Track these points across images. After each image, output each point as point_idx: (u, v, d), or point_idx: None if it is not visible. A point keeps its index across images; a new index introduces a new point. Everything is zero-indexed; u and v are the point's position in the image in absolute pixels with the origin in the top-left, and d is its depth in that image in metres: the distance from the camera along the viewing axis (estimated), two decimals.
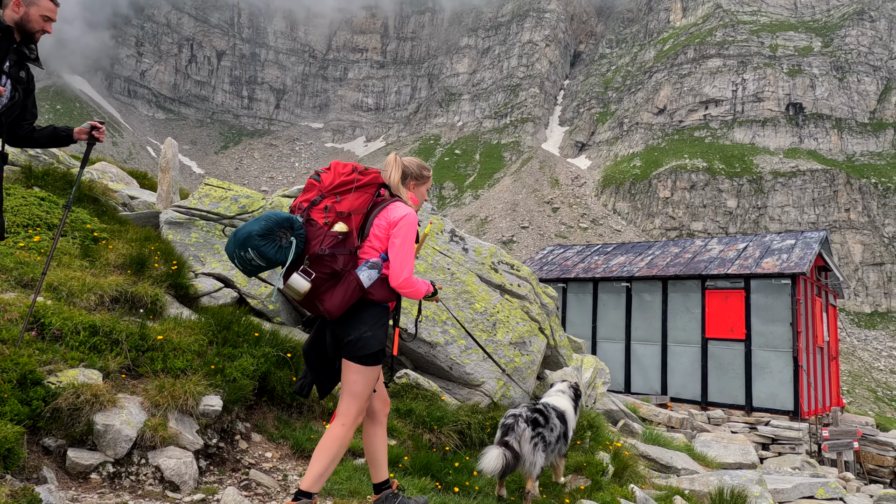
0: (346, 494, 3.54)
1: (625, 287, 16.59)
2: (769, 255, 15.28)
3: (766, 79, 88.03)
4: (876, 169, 77.34)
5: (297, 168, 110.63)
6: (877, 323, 63.66)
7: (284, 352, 4.55)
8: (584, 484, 4.43)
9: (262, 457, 3.92)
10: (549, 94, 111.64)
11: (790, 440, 12.69)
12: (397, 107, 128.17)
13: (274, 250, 2.67)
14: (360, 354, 2.84)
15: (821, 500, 5.79)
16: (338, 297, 2.76)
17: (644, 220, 78.42)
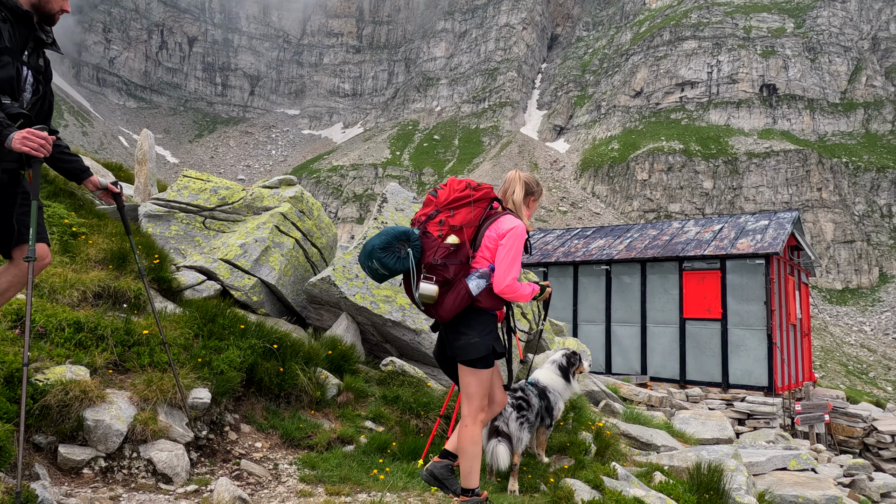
0: (337, 481, 3.61)
1: (604, 270, 16.84)
2: (744, 236, 15.63)
3: (741, 60, 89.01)
4: (847, 148, 78.99)
5: (273, 156, 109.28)
6: (848, 299, 65.46)
7: (271, 343, 4.58)
8: (567, 464, 4.55)
9: (252, 447, 3.97)
10: (526, 78, 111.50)
11: (765, 415, 13.10)
12: (374, 92, 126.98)
13: (393, 261, 2.97)
14: (467, 359, 3.06)
15: (793, 471, 6.02)
16: (448, 303, 3.00)
17: (622, 203, 79.21)
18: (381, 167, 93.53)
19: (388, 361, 5.56)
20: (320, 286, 5.79)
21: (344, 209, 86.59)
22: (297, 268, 6.27)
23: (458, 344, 3.08)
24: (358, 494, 3.44)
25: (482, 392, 3.12)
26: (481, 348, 3.06)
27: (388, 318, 5.69)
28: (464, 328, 3.07)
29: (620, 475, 4.40)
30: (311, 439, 4.23)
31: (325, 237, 6.89)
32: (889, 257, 68.61)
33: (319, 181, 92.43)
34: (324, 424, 4.51)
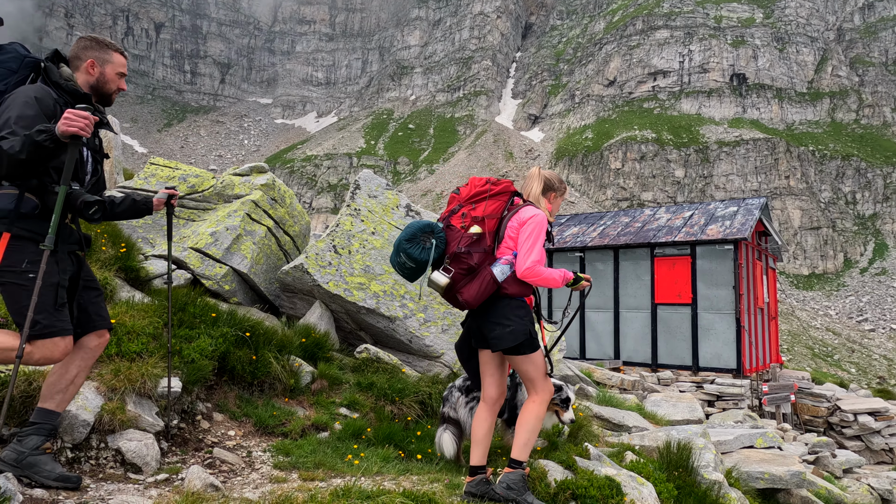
0: (312, 467, 3.61)
1: (578, 257, 17.02)
2: (713, 222, 15.93)
3: (711, 50, 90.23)
4: (813, 137, 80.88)
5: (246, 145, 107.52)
6: (814, 284, 67.34)
7: (243, 331, 4.54)
8: (540, 445, 4.61)
9: (225, 435, 3.94)
10: (501, 67, 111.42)
11: (733, 396, 13.45)
12: (348, 81, 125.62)
13: (418, 251, 3.09)
14: (510, 346, 3.11)
15: (759, 448, 6.20)
16: (473, 289, 3.08)
17: (597, 192, 79.99)
18: (355, 157, 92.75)
19: (363, 349, 5.56)
20: (293, 274, 5.74)
21: (319, 199, 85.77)
22: (269, 256, 6.21)
23: (494, 334, 3.14)
24: (333, 479, 3.44)
25: (541, 373, 3.22)
26: (520, 333, 3.11)
27: (363, 305, 5.67)
28: (497, 318, 3.15)
29: (593, 455, 4.48)
30: (286, 427, 4.22)
31: (298, 225, 6.82)
32: (853, 243, 70.71)
33: (293, 171, 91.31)
34: (298, 412, 4.49)
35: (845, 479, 9.17)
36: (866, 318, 59.96)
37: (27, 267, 2.54)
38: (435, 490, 3.33)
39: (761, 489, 5.06)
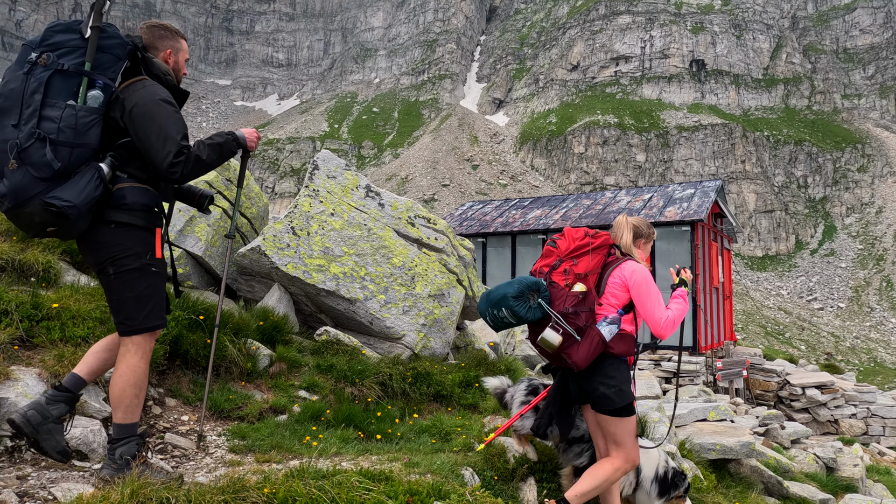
0: (268, 449, 3.57)
1: (541, 239, 17.18)
2: (671, 205, 16.28)
3: (672, 36, 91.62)
4: (768, 123, 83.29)
5: (204, 128, 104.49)
6: (767, 266, 69.80)
7: (196, 314, 4.42)
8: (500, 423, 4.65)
9: (178, 420, 3.85)
10: (465, 50, 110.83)
11: (689, 373, 13.89)
12: (310, 62, 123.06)
13: (525, 310, 3.06)
14: (612, 408, 3.10)
15: (712, 421, 6.41)
16: (583, 351, 3.03)
17: (560, 176, 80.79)
18: (319, 140, 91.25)
19: (323, 331, 5.50)
20: (250, 257, 5.62)
21: (281, 184, 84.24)
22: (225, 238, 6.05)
23: (598, 394, 3.11)
24: (290, 461, 3.40)
25: (632, 438, 3.18)
26: (626, 396, 3.11)
27: (322, 287, 5.59)
28: (602, 377, 3.11)
29: None
30: (242, 410, 4.15)
31: (255, 207, 6.67)
32: (804, 226, 73.45)
33: (255, 155, 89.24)
34: (255, 395, 4.42)
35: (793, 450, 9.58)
36: (816, 297, 62.59)
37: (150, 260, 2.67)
38: (393, 468, 3.33)
39: (713, 460, 5.23)
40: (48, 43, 2.45)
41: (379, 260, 5.94)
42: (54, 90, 2.39)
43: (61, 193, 2.35)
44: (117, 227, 2.56)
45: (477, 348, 6.76)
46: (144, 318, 2.61)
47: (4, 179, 2.34)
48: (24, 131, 2.33)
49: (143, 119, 2.54)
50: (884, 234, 68.31)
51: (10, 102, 2.37)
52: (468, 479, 3.41)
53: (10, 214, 2.40)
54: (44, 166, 2.33)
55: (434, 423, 4.52)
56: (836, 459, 8.57)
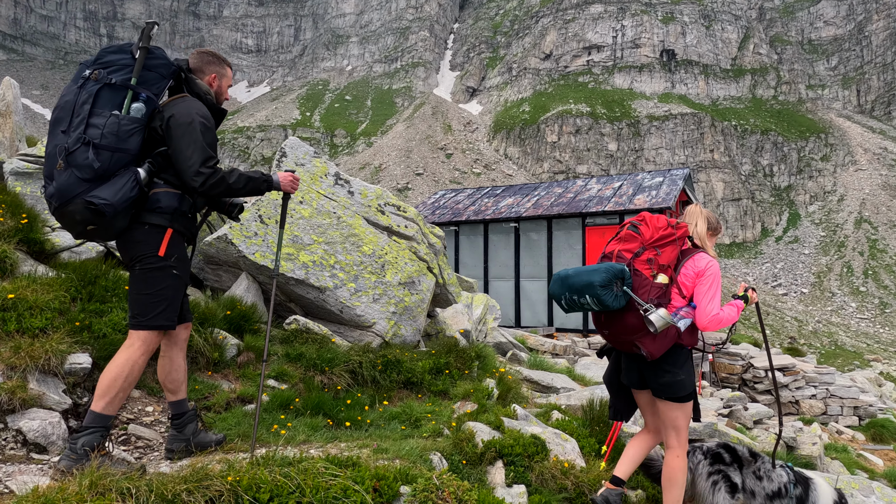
0: (236, 438, 3.54)
1: (513, 227, 17.28)
2: (641, 193, 16.52)
3: (643, 25, 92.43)
4: (736, 112, 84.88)
5: None
6: (735, 252, 71.45)
7: None
8: (471, 409, 4.69)
9: (142, 411, 3.79)
10: (439, 38, 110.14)
11: None
12: (280, 49, 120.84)
13: (612, 298, 3.04)
14: (677, 396, 3.21)
15: None
16: (660, 342, 3.10)
17: (533, 165, 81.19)
18: (290, 128, 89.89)
19: (292, 320, 5.45)
20: (217, 245, 5.53)
21: None
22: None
23: (663, 381, 3.21)
24: (257, 450, 3.39)
25: (688, 423, 3.32)
26: (688, 385, 3.22)
27: (291, 276, 5.54)
28: (669, 366, 3.19)
29: (520, 416, 4.62)
30: (209, 400, 4.10)
31: None
32: (770, 213, 75.29)
33: (224, 143, 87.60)
34: (223, 385, 4.38)
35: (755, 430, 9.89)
36: (780, 283, 64.38)
37: (174, 262, 2.87)
38: (361, 455, 3.34)
39: None
40: (101, 62, 2.75)
41: (349, 248, 5.91)
42: (102, 101, 2.66)
43: (100, 192, 2.59)
44: (150, 228, 2.81)
45: (448, 335, 6.78)
46: (155, 317, 2.81)
47: (53, 181, 2.60)
48: (72, 137, 2.59)
49: (178, 129, 2.80)
50: (845, 222, 70.48)
51: (63, 113, 2.65)
52: (436, 463, 3.44)
53: (57, 214, 2.64)
54: (86, 167, 2.57)
55: (404, 409, 4.54)
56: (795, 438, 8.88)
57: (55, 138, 2.63)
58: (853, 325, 55.72)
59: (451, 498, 2.89)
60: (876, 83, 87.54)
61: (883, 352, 49.42)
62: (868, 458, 9.73)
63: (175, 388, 3.07)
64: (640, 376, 3.36)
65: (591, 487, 3.76)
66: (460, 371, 5.52)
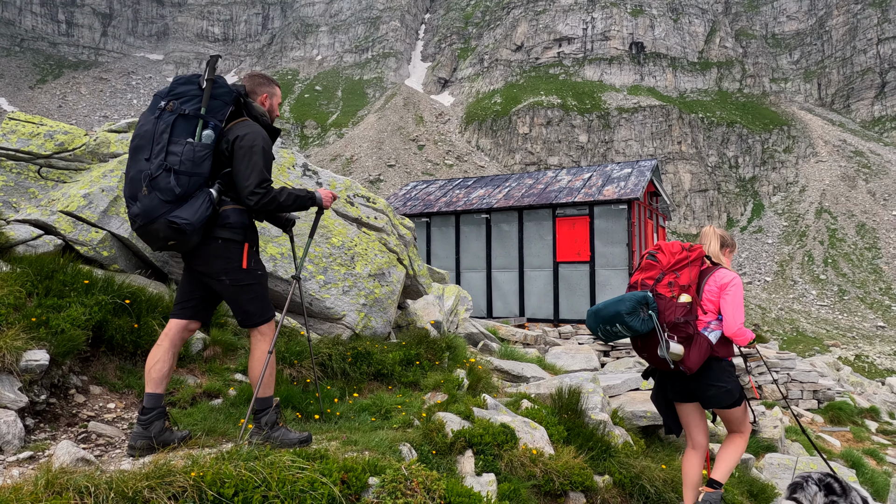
0: (201, 434, 3.48)
1: (485, 218, 17.34)
2: (610, 184, 16.74)
3: (613, 18, 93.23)
4: (703, 105, 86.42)
5: (135, 105, 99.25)
6: None
7: (122, 298, 4.24)
8: (441, 399, 4.71)
9: (103, 408, 3.71)
10: (410, 29, 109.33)
11: (626, 346, 14.43)
12: (248, 38, 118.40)
13: (639, 323, 3.33)
14: (726, 405, 3.55)
15: (644, 390, 6.70)
16: (695, 356, 3.36)
17: (506, 156, 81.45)
18: None
19: None
20: None
21: None
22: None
23: (710, 394, 3.53)
24: (223, 445, 3.34)
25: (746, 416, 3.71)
26: (735, 393, 3.52)
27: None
28: (713, 379, 3.49)
29: (490, 405, 4.65)
30: (174, 396, 4.03)
31: None
32: (735, 204, 77.06)
33: None
34: (188, 380, 4.31)
35: None
36: (745, 271, 66.06)
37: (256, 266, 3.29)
38: (329, 447, 3.32)
39: (643, 426, 5.48)
40: (174, 93, 3.04)
41: (318, 240, 5.85)
42: (178, 130, 2.97)
43: (181, 213, 2.90)
44: (223, 242, 3.12)
45: (419, 327, 6.78)
46: (262, 312, 3.25)
47: (137, 202, 2.91)
48: (154, 164, 2.90)
49: (241, 152, 3.11)
50: (806, 212, 72.59)
51: (144, 141, 2.96)
52: (406, 454, 3.45)
53: (140, 231, 2.96)
54: (168, 191, 2.89)
55: (374, 401, 4.53)
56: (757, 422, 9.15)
57: (138, 164, 2.94)
58: (813, 312, 57.60)
59: (419, 488, 2.90)
60: (836, 77, 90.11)
61: (841, 337, 51.25)
62: (826, 440, 10.11)
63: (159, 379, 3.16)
64: (685, 390, 3.68)
65: (559, 473, 3.82)
66: (431, 362, 5.53)
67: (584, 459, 4.06)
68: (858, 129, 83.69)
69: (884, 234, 65.97)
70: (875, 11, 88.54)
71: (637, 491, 4.17)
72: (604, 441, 4.43)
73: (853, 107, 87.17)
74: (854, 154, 78.22)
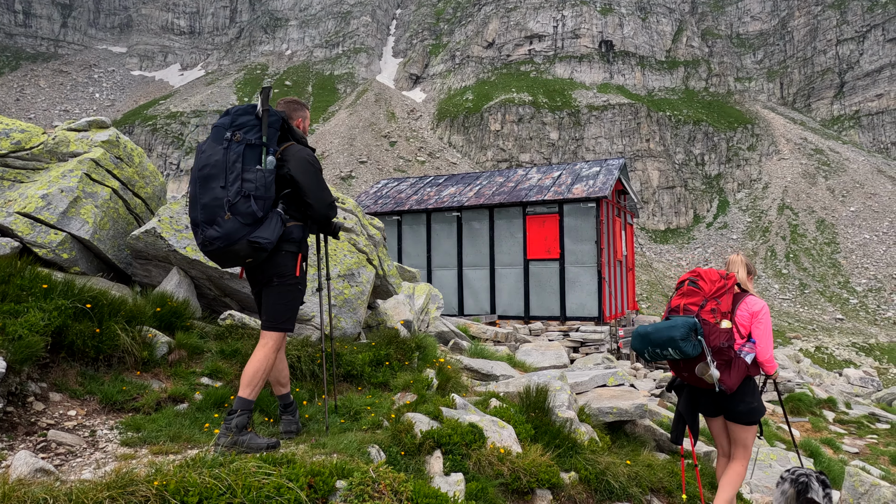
0: (166, 440, 3.44)
1: (455, 217, 17.38)
2: (579, 182, 16.94)
3: (583, 16, 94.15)
4: (670, 103, 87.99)
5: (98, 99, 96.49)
6: (669, 238, 74.43)
7: (83, 302, 4.15)
8: (410, 399, 4.73)
9: (64, 416, 3.62)
10: (381, 24, 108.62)
11: (595, 342, 14.68)
12: (215, 31, 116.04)
13: (690, 348, 3.64)
14: (752, 421, 3.94)
15: (611, 386, 6.83)
16: (735, 377, 3.74)
17: (477, 153, 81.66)
18: None
19: (227, 315, 5.33)
20: (145, 239, 5.32)
21: (187, 160, 79.61)
22: (116, 220, 5.68)
23: (740, 409, 3.92)
24: (188, 451, 3.31)
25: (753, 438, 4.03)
26: (759, 411, 3.93)
27: (226, 270, 5.40)
28: (744, 396, 3.89)
29: (459, 405, 4.69)
30: (137, 401, 3.96)
31: (151, 186, 6.29)
32: (702, 201, 78.75)
33: (156, 129, 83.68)
34: (153, 385, 4.24)
35: None
36: (711, 266, 67.58)
37: (300, 279, 3.59)
38: (297, 451, 3.32)
39: (610, 422, 5.59)
40: (236, 124, 3.30)
41: None
42: (248, 159, 3.24)
43: (261, 233, 3.23)
44: (286, 254, 3.47)
45: (389, 327, 6.78)
46: (285, 321, 3.51)
47: (216, 227, 3.17)
48: (231, 191, 3.17)
49: (308, 175, 3.45)
50: (769, 208, 74.62)
51: (216, 170, 3.21)
52: (374, 456, 3.46)
53: (217, 251, 3.24)
54: (248, 215, 3.18)
55: (343, 402, 4.53)
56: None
57: (213, 192, 3.19)
58: (776, 306, 59.31)
59: (387, 490, 2.92)
60: (797, 77, 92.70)
61: (802, 329, 52.91)
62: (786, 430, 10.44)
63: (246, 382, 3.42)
64: (715, 406, 4.07)
65: (527, 471, 3.88)
66: (401, 362, 5.54)
67: (551, 457, 4.12)
68: (818, 128, 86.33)
69: (842, 230, 68.27)
70: (834, 13, 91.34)
71: (602, 487, 4.26)
72: (570, 438, 4.51)
73: (813, 106, 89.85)
74: (814, 152, 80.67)
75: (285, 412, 3.80)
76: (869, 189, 72.96)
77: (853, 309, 57.75)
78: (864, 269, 62.35)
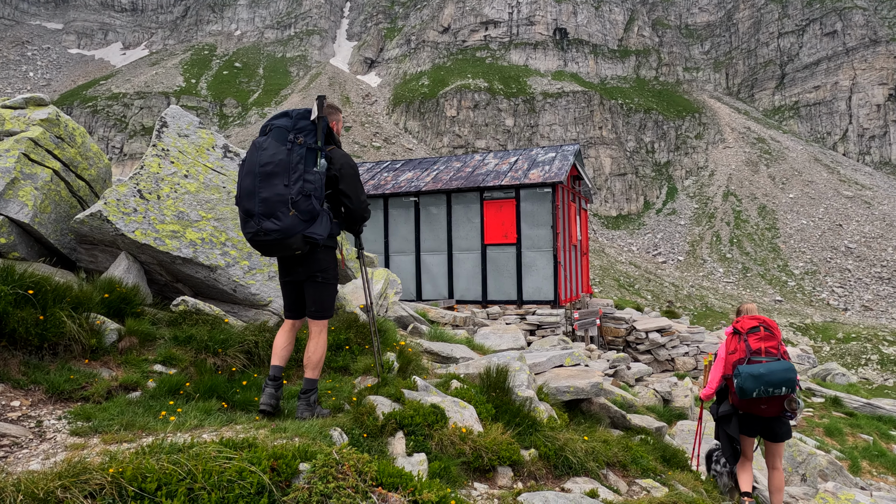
0: (119, 429, 3.32)
1: (413, 202, 17.32)
2: (535, 167, 17.13)
3: (538, 3, 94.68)
4: (622, 91, 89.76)
5: (32, 78, 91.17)
6: (620, 224, 76.32)
7: (25, 289, 3.94)
8: (371, 383, 4.71)
9: (7, 407, 3.45)
10: (334, 6, 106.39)
11: (551, 325, 14.98)
12: (160, 9, 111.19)
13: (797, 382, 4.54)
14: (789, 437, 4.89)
15: (568, 366, 6.99)
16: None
17: (433, 139, 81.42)
18: (174, 96, 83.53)
19: (180, 301, 5.17)
20: (90, 223, 5.09)
21: (131, 143, 76.36)
22: (59, 203, 5.41)
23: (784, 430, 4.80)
24: (143, 439, 3.20)
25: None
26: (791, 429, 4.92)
27: (178, 255, 5.23)
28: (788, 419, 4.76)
29: (420, 387, 4.70)
30: (86, 390, 3.81)
31: (95, 168, 6.00)
32: (652, 187, 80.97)
33: (97, 111, 79.82)
34: (102, 373, 4.08)
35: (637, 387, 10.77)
36: (660, 251, 69.79)
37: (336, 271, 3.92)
38: (258, 435, 3.26)
39: (567, 401, 5.73)
40: (297, 128, 3.59)
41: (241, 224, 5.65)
42: (308, 161, 3.54)
43: (315, 229, 3.54)
44: (326, 249, 3.77)
45: (348, 311, 6.73)
46: (330, 309, 3.90)
47: (274, 220, 3.45)
48: (293, 189, 3.45)
49: (350, 178, 3.76)
50: (715, 195, 77.40)
51: (279, 168, 3.48)
52: (336, 438, 3.44)
53: (271, 242, 3.52)
54: (307, 212, 3.49)
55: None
56: (671, 392, 9.78)
57: (275, 188, 3.46)
58: (721, 289, 61.81)
59: (351, 471, 2.91)
60: (742, 68, 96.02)
61: None
62: None
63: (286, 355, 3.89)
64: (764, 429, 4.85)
65: (488, 449, 3.94)
66: (360, 346, 5.51)
67: (512, 435, 4.19)
68: (761, 118, 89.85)
69: (782, 216, 71.53)
70: (776, 7, 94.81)
71: (561, 462, 4.36)
72: (530, 417, 4.60)
73: (756, 96, 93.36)
74: (757, 141, 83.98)
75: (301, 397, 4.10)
76: (806, 177, 76.60)
77: (791, 291, 60.79)
78: (802, 252, 65.63)
